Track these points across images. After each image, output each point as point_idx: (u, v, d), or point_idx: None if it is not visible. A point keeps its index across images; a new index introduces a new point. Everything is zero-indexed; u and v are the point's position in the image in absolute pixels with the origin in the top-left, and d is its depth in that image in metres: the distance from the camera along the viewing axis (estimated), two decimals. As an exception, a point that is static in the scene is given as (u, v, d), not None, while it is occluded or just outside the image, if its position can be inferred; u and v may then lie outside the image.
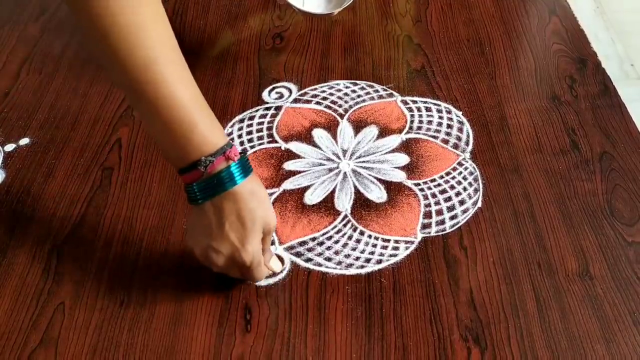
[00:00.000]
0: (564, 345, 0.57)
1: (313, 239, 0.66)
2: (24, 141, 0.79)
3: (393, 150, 0.75)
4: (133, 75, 0.52)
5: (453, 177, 0.72)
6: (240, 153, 0.57)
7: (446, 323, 0.59)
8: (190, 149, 0.55)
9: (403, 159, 0.74)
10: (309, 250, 0.65)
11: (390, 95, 0.82)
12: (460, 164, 0.73)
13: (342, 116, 0.80)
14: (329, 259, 0.64)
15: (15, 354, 0.59)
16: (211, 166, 0.55)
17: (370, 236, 0.66)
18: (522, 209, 0.68)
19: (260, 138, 0.78)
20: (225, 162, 0.55)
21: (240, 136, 0.78)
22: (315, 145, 0.76)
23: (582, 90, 0.81)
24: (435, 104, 0.80)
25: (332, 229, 0.67)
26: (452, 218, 0.67)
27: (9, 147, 0.79)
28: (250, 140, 0.77)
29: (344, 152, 0.75)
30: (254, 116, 0.81)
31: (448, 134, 0.77)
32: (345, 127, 0.78)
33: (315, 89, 0.84)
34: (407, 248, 0.65)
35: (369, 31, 0.93)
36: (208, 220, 0.57)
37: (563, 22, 0.92)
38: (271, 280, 0.63)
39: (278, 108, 0.81)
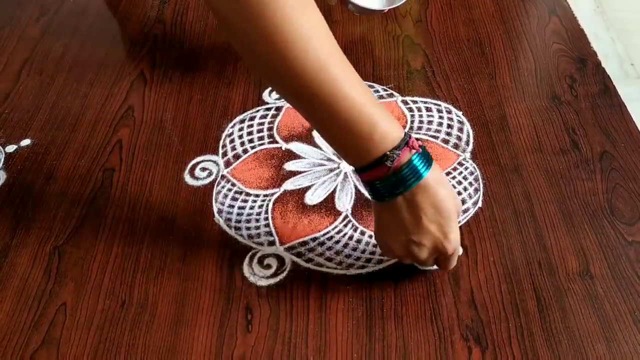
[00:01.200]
0: (565, 344, 0.57)
1: (314, 239, 0.66)
2: (25, 142, 0.79)
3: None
4: (307, 79, 0.50)
5: (453, 177, 0.72)
6: (417, 140, 0.55)
7: (447, 322, 0.59)
8: (374, 145, 0.53)
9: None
10: (310, 250, 0.66)
11: (391, 95, 0.82)
12: (460, 163, 0.73)
13: (342, 116, 0.80)
14: (329, 259, 0.65)
15: (17, 355, 0.59)
16: (397, 160, 0.53)
17: (371, 236, 0.66)
18: (522, 209, 0.68)
19: (260, 138, 0.78)
20: (409, 153, 0.53)
21: (240, 136, 0.78)
22: (315, 145, 0.76)
23: (582, 89, 0.81)
24: (435, 104, 0.81)
25: (333, 229, 0.67)
26: (452, 218, 0.68)
27: (10, 149, 0.79)
28: (250, 141, 0.78)
29: (345, 152, 0.75)
30: (255, 117, 0.81)
31: (448, 133, 0.77)
32: (345, 128, 0.78)
33: (316, 89, 0.84)
34: (407, 248, 0.65)
35: (369, 31, 0.93)
36: (402, 216, 0.55)
37: (563, 22, 0.92)
38: (272, 281, 0.63)
39: (278, 108, 0.81)
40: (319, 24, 0.52)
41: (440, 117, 0.79)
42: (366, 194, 0.69)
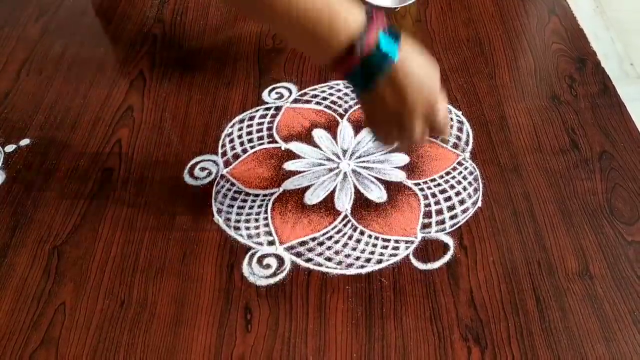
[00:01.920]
0: (564, 344, 0.57)
1: (313, 239, 0.66)
2: (25, 142, 0.79)
3: (393, 150, 0.75)
4: None
5: (453, 177, 0.72)
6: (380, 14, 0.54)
7: (446, 322, 0.59)
8: (338, 37, 0.52)
9: (403, 158, 0.74)
10: (309, 250, 0.66)
11: (390, 95, 0.82)
12: (460, 163, 0.73)
13: (342, 116, 0.80)
14: (329, 259, 0.65)
15: (16, 354, 0.59)
16: (366, 45, 0.52)
17: (370, 236, 0.66)
18: (522, 209, 0.68)
19: (260, 138, 0.78)
20: (376, 34, 0.52)
21: (240, 136, 0.78)
22: (315, 145, 0.76)
23: (581, 89, 0.81)
24: (435, 104, 0.80)
25: (332, 229, 0.67)
26: (452, 218, 0.68)
27: (10, 148, 0.79)
28: (250, 141, 0.77)
29: (344, 152, 0.75)
30: (254, 116, 0.81)
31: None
32: (345, 127, 0.78)
33: (315, 89, 0.84)
34: (407, 248, 0.65)
35: (369, 31, 0.93)
36: (388, 100, 0.55)
37: (562, 22, 0.92)
38: (271, 281, 0.63)
39: (278, 108, 0.81)
40: None
41: (440, 117, 0.79)
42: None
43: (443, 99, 0.57)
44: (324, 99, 0.82)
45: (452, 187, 0.71)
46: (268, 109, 0.82)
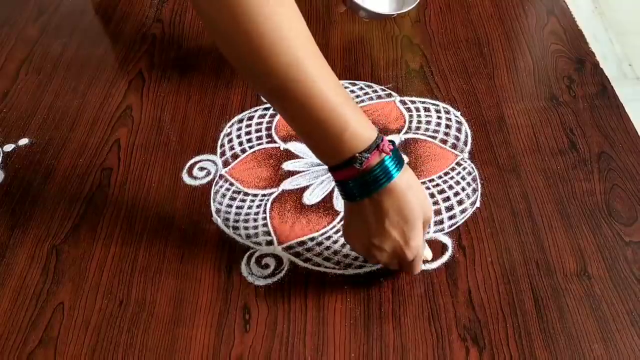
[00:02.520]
0: (562, 344, 0.57)
1: (312, 239, 0.66)
2: (23, 141, 0.79)
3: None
4: (281, 75, 0.51)
5: (451, 177, 0.72)
6: (390, 142, 0.55)
7: (445, 323, 0.59)
8: (344, 146, 0.53)
9: (402, 159, 0.74)
10: (308, 250, 0.66)
11: (389, 95, 0.82)
12: (458, 164, 0.73)
13: (340, 116, 0.80)
14: (327, 259, 0.65)
15: (15, 354, 0.59)
16: (367, 162, 0.53)
17: (369, 236, 0.66)
18: (520, 209, 0.68)
19: (259, 138, 0.78)
20: (379, 156, 0.53)
21: (239, 136, 0.78)
22: (314, 145, 0.76)
23: (580, 90, 0.81)
24: (433, 104, 0.81)
25: (331, 229, 0.67)
26: (450, 218, 0.68)
27: (8, 148, 0.79)
28: (249, 141, 0.78)
29: (343, 152, 0.75)
30: (253, 116, 0.81)
31: (446, 134, 0.77)
32: (344, 128, 0.78)
33: (314, 89, 0.84)
34: (405, 248, 0.65)
35: (368, 32, 0.93)
36: (366, 217, 0.55)
37: (561, 22, 0.92)
38: (270, 281, 0.63)
39: (277, 108, 0.81)
40: (297, 22, 0.52)
41: (439, 117, 0.79)
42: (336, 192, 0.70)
43: (418, 240, 0.57)
44: (323, 99, 0.82)
45: (450, 187, 0.71)
46: (267, 108, 0.82)
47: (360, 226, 0.57)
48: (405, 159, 0.74)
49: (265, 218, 0.69)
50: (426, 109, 0.80)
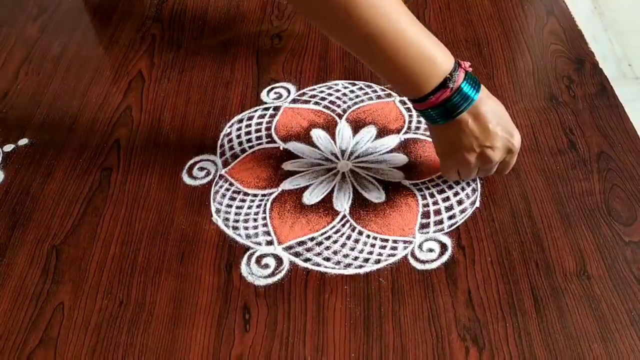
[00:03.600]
0: (562, 344, 0.57)
1: (312, 239, 0.67)
2: (23, 141, 0.79)
3: (391, 151, 0.75)
4: (377, 21, 0.57)
5: (457, 183, 0.72)
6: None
7: (444, 322, 0.59)
8: (437, 71, 0.59)
9: (401, 159, 0.74)
10: (308, 250, 0.66)
11: (389, 95, 0.83)
12: (458, 164, 0.73)
13: (340, 116, 0.80)
14: (327, 259, 0.65)
15: (15, 354, 0.59)
16: (457, 79, 0.59)
17: (368, 236, 0.66)
18: (519, 209, 0.68)
19: (258, 138, 0.78)
20: (463, 73, 0.60)
21: (239, 136, 0.78)
22: (313, 145, 0.77)
23: (579, 90, 0.81)
24: (433, 104, 0.81)
25: (331, 229, 0.67)
26: (450, 218, 0.68)
27: (8, 148, 0.79)
28: (249, 141, 0.78)
29: (343, 152, 0.75)
30: (253, 116, 0.81)
31: (446, 134, 0.77)
32: (343, 128, 0.78)
33: (314, 89, 0.84)
34: (405, 248, 0.65)
35: (367, 31, 0.93)
36: (470, 128, 0.61)
37: (561, 22, 0.92)
38: (270, 281, 0.63)
39: (276, 108, 0.82)
40: None
41: (438, 118, 0.79)
42: (422, 123, 0.78)
43: (517, 130, 0.64)
44: (323, 99, 0.82)
45: (450, 187, 0.71)
46: (267, 109, 0.82)
47: (466, 138, 0.62)
48: (404, 158, 0.74)
49: (265, 218, 0.69)
50: (426, 109, 0.80)
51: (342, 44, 0.67)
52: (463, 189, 0.70)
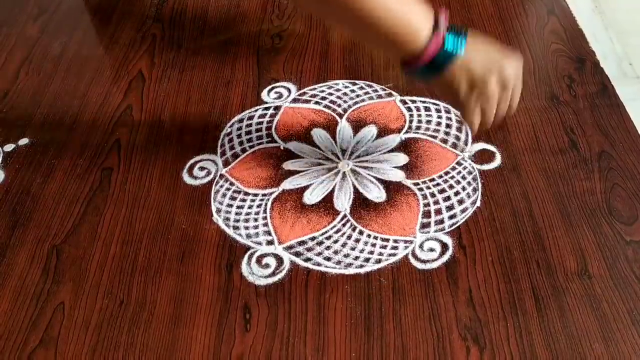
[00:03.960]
0: (563, 344, 0.57)
1: (312, 239, 0.67)
2: (24, 141, 0.79)
3: (392, 150, 0.75)
4: None
5: (452, 177, 0.72)
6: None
7: (445, 322, 0.59)
8: (426, 20, 0.60)
9: (402, 158, 0.74)
10: (308, 249, 0.66)
11: (389, 94, 0.82)
12: (459, 163, 0.73)
13: (341, 116, 0.80)
14: (328, 259, 0.65)
15: (15, 354, 0.59)
16: (444, 24, 0.60)
17: (369, 236, 0.66)
18: (520, 208, 0.68)
19: (259, 138, 0.78)
20: (444, 18, 0.60)
21: (239, 136, 0.78)
22: (314, 145, 0.76)
23: (580, 89, 0.81)
24: (434, 104, 0.81)
25: (332, 228, 0.67)
26: (450, 217, 0.68)
27: (9, 147, 0.79)
28: (249, 140, 0.78)
29: (343, 151, 0.75)
30: (253, 116, 0.81)
31: (447, 133, 0.77)
32: (344, 127, 0.78)
33: (314, 88, 0.84)
34: (406, 247, 0.65)
35: (368, 31, 0.93)
36: (468, 67, 0.61)
37: (561, 22, 0.92)
38: (270, 280, 0.63)
39: (277, 108, 0.81)
40: None
41: (439, 117, 0.79)
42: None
43: (512, 58, 0.64)
44: (323, 98, 0.82)
45: (451, 187, 0.71)
46: (267, 108, 0.82)
47: (465, 77, 0.62)
48: (405, 158, 0.74)
49: (265, 218, 0.69)
50: (426, 109, 0.80)
51: (329, 18, 0.68)
52: (464, 188, 0.70)
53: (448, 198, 0.69)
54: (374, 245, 0.65)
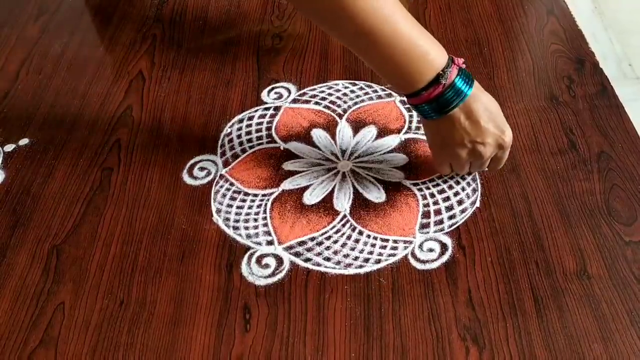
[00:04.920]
0: (562, 344, 0.57)
1: (312, 239, 0.67)
2: (24, 141, 0.80)
3: (392, 150, 0.75)
4: (368, 16, 0.58)
5: (451, 177, 0.72)
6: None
7: (444, 322, 0.59)
8: (430, 67, 0.60)
9: (402, 159, 0.74)
10: (308, 250, 0.66)
11: (389, 95, 0.83)
12: (458, 163, 0.73)
13: (341, 116, 0.80)
14: (327, 259, 0.65)
15: (15, 354, 0.59)
16: (449, 75, 0.60)
17: (369, 236, 0.66)
18: (520, 209, 0.68)
19: (259, 138, 0.78)
20: (456, 69, 0.61)
21: (239, 136, 0.78)
22: (314, 145, 0.77)
23: (580, 90, 0.81)
24: (433, 104, 0.81)
25: (331, 228, 0.67)
26: (450, 218, 0.68)
27: (9, 148, 0.79)
28: (249, 141, 0.78)
29: (343, 152, 0.75)
30: (253, 116, 0.81)
31: (446, 134, 0.77)
32: (344, 127, 0.78)
33: (314, 89, 0.84)
34: (405, 248, 0.65)
35: (368, 31, 0.93)
36: (462, 124, 0.62)
37: (561, 22, 0.92)
38: (270, 280, 0.63)
39: (277, 108, 0.82)
40: None
41: (439, 117, 0.79)
42: (414, 119, 0.79)
43: (509, 128, 0.65)
44: (323, 99, 0.82)
45: (450, 187, 0.71)
46: (267, 108, 0.82)
47: (458, 133, 0.63)
48: (404, 158, 0.74)
49: (265, 218, 0.69)
50: (426, 109, 0.80)
51: (338, 39, 0.68)
52: (463, 189, 0.70)
53: (447, 198, 0.70)
54: (373, 245, 0.65)
